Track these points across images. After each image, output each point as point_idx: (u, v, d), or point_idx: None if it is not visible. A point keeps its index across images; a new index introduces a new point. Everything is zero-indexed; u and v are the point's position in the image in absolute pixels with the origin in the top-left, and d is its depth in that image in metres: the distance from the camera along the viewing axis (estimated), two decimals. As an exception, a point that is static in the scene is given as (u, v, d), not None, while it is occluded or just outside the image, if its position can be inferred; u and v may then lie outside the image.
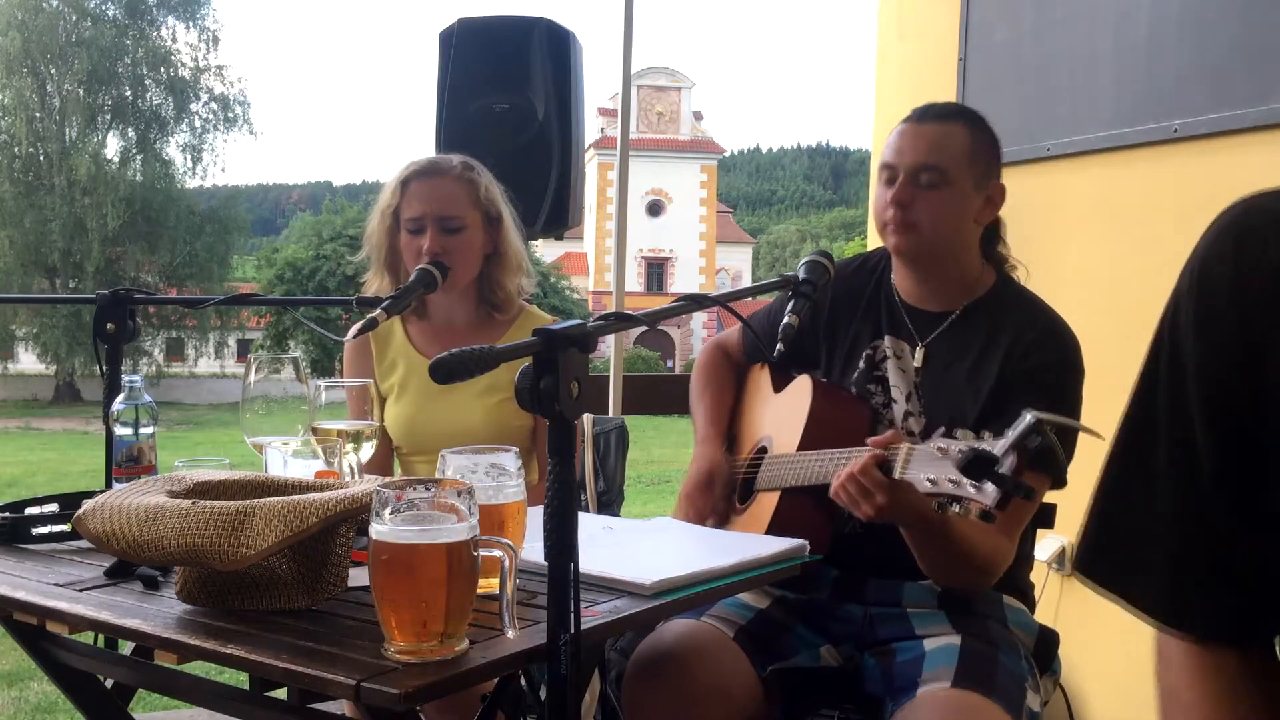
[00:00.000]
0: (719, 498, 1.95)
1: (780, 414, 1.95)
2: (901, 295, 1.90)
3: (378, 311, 1.87)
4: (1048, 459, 1.38)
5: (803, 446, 1.81)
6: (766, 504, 1.84)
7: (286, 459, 1.65)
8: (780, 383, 2.00)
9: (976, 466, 1.37)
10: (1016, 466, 1.34)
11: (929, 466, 1.46)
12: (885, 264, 1.94)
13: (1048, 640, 1.83)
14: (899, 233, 1.80)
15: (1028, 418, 1.34)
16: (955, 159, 1.79)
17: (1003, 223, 1.91)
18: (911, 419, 1.83)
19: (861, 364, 1.90)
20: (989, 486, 1.37)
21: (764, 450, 1.95)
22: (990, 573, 1.73)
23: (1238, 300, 0.83)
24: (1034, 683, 1.68)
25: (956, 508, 1.43)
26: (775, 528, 1.77)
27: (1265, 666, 0.82)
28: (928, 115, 1.83)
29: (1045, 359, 1.75)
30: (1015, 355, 1.75)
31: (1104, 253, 2.73)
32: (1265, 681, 0.83)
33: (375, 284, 2.24)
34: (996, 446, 1.37)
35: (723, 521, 1.97)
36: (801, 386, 1.91)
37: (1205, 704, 0.84)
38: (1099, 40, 2.75)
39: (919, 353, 1.85)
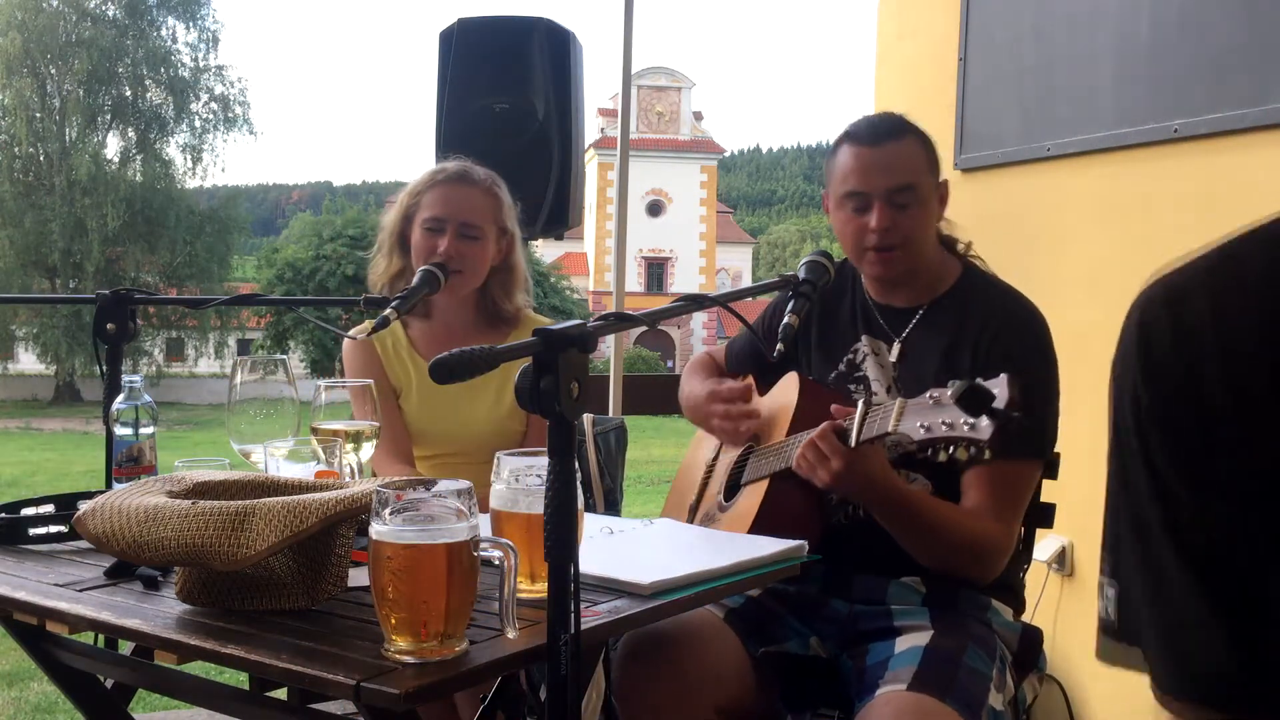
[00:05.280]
0: (738, 402, 1.94)
1: (766, 412, 1.96)
2: (873, 296, 1.95)
3: (388, 310, 1.89)
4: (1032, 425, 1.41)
5: (790, 434, 1.83)
6: (753, 497, 1.85)
7: (280, 465, 1.64)
8: (764, 389, 2.02)
9: (971, 399, 1.39)
10: (1010, 401, 1.37)
11: (922, 415, 1.49)
12: (856, 271, 1.98)
13: (1031, 638, 1.84)
14: (883, 262, 1.85)
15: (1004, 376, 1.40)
16: (920, 174, 1.84)
17: None
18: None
19: (842, 366, 1.94)
20: (984, 421, 1.38)
21: (750, 448, 1.96)
22: (982, 556, 1.75)
23: (1187, 368, 0.84)
24: (1000, 682, 1.68)
25: (952, 450, 1.45)
26: (762, 519, 1.78)
27: None
28: (880, 135, 1.85)
29: (1012, 346, 1.79)
30: (984, 342, 1.80)
31: (1104, 253, 2.73)
32: None
33: (382, 265, 2.28)
34: (990, 383, 1.40)
35: (709, 519, 1.98)
36: (789, 382, 1.94)
37: None
38: (1099, 40, 2.75)
39: (896, 348, 1.89)
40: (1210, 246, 0.91)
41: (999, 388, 1.39)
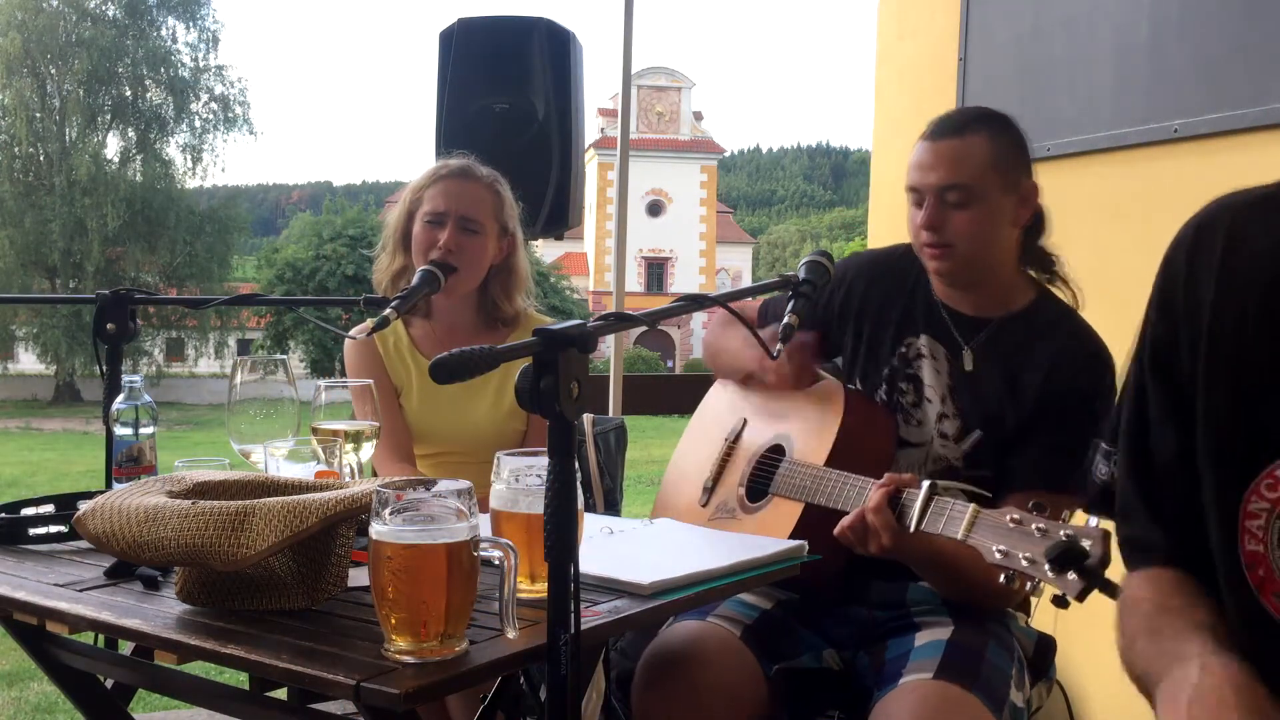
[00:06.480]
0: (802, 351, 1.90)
1: (802, 415, 1.92)
2: (940, 296, 1.88)
3: (388, 310, 1.89)
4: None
5: (830, 461, 1.79)
6: (787, 512, 1.82)
7: (280, 465, 1.64)
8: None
9: (1065, 558, 1.34)
10: (1102, 559, 1.33)
11: (1001, 536, 1.44)
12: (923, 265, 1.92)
13: (1045, 646, 1.84)
14: (936, 258, 1.80)
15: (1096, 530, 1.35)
16: (978, 172, 1.76)
17: (1046, 217, 1.88)
18: (946, 421, 1.82)
19: (895, 360, 1.88)
20: (1072, 576, 1.34)
21: (778, 449, 1.93)
22: (1007, 596, 1.73)
23: (1188, 283, 1.04)
24: (1019, 680, 1.68)
25: (1029, 586, 1.41)
26: (796, 538, 1.76)
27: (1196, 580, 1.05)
28: (944, 130, 1.80)
29: (1089, 386, 1.75)
30: (1059, 375, 1.74)
31: (1104, 253, 2.73)
32: (1197, 585, 1.05)
33: (385, 262, 2.28)
34: (1084, 539, 1.34)
35: (728, 511, 1.95)
36: (831, 393, 1.88)
37: (1157, 591, 1.06)
38: (1099, 40, 2.75)
39: (967, 355, 1.83)
40: (1272, 182, 1.00)
41: (1092, 544, 1.34)
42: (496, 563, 1.22)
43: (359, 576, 1.39)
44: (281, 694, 1.88)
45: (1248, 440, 0.98)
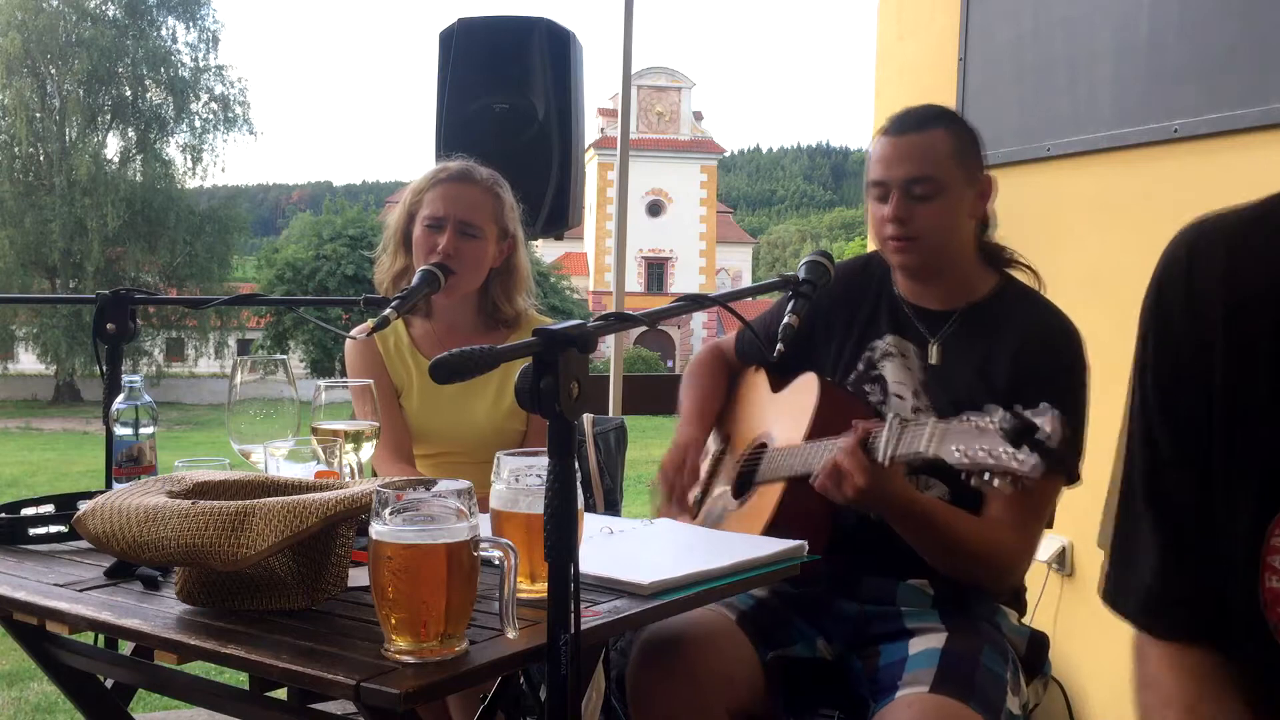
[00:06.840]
0: (691, 476, 1.96)
1: (782, 410, 1.94)
2: (904, 294, 1.91)
3: (388, 310, 1.90)
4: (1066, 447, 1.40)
5: (809, 438, 1.81)
6: (768, 497, 1.84)
7: (280, 465, 1.64)
8: (778, 384, 2.00)
9: (1017, 431, 1.37)
10: (1055, 435, 1.35)
11: (960, 439, 1.46)
12: (888, 266, 1.94)
13: (1038, 643, 1.84)
14: (902, 250, 1.83)
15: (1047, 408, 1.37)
16: (943, 164, 1.81)
17: (991, 212, 1.92)
18: (920, 415, 1.83)
19: (860, 365, 1.91)
20: (1027, 454, 1.36)
21: (763, 446, 1.95)
22: (999, 568, 1.75)
23: (1190, 311, 0.97)
24: (1015, 684, 1.68)
25: (990, 478, 1.43)
26: (777, 521, 1.77)
27: (1225, 661, 0.98)
28: (906, 125, 1.83)
29: (1056, 361, 1.77)
30: (1025, 355, 1.77)
31: (1104, 253, 2.73)
32: (1227, 672, 0.97)
33: (386, 264, 2.29)
34: (1037, 417, 1.37)
35: (716, 515, 1.97)
36: (807, 383, 1.91)
37: (1183, 690, 0.99)
38: (1099, 40, 2.75)
39: (934, 349, 1.86)
40: (1253, 201, 0.96)
41: (1044, 420, 1.36)
42: (496, 563, 1.22)
43: (359, 576, 1.39)
44: (281, 694, 1.88)
45: (1274, 467, 0.91)
